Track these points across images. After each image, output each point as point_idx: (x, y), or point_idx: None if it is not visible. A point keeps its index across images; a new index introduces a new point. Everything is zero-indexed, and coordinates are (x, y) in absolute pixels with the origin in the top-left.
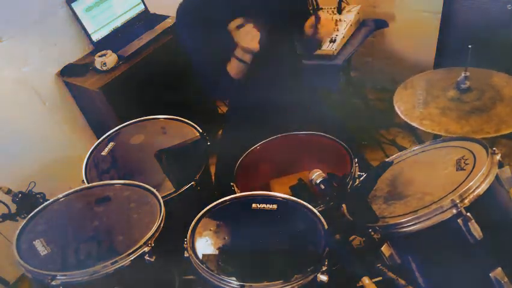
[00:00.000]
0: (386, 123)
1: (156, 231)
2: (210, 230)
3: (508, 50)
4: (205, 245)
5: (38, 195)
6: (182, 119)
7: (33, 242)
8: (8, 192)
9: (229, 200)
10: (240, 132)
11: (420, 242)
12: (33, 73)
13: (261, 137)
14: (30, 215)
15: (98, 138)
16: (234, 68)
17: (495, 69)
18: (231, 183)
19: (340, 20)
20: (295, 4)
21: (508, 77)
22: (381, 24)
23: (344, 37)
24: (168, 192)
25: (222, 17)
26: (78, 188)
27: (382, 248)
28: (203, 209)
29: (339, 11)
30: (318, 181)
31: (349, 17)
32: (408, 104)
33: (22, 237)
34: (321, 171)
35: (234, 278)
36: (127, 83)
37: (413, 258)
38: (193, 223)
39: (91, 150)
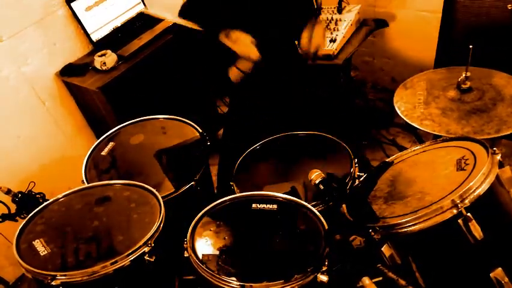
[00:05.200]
0: (386, 123)
1: (156, 231)
2: (210, 230)
3: (508, 50)
4: (205, 245)
5: (37, 195)
6: (182, 119)
7: (33, 242)
8: (8, 192)
9: (229, 200)
10: (240, 132)
11: (420, 242)
12: (33, 73)
13: (261, 137)
14: (30, 215)
15: (98, 138)
16: (234, 75)
17: (495, 69)
18: (231, 183)
19: (340, 19)
20: (298, 3)
21: (508, 77)
22: (381, 24)
23: (344, 37)
24: (168, 192)
25: (224, 22)
26: (78, 188)
27: (382, 248)
28: (203, 209)
29: (340, 10)
30: (317, 181)
31: (349, 16)
32: (408, 104)
33: (22, 237)
34: (320, 172)
35: (234, 278)
36: (127, 83)
37: (414, 259)
38: (193, 223)
39: (90, 150)
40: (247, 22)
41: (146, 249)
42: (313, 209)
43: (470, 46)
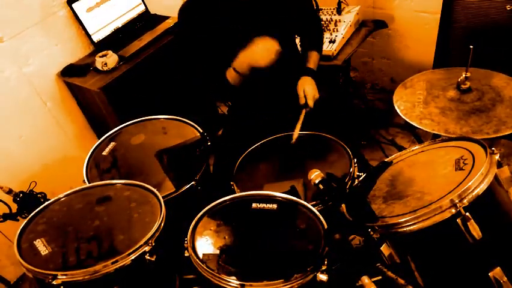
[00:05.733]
0: (386, 123)
1: (157, 230)
2: (210, 229)
3: (507, 50)
4: (205, 244)
5: (39, 195)
6: (182, 119)
7: (34, 242)
8: (9, 192)
9: (229, 199)
10: (240, 132)
11: (419, 241)
12: (35, 73)
13: (260, 137)
14: (31, 214)
15: (99, 138)
16: (232, 77)
17: (494, 69)
18: (231, 183)
19: (339, 20)
20: (298, 6)
21: (508, 78)
22: (380, 25)
23: (343, 38)
24: (168, 192)
25: (224, 20)
26: (79, 187)
27: (381, 248)
28: (203, 208)
29: (339, 11)
30: (316, 181)
31: (348, 17)
32: (408, 103)
33: (23, 236)
34: (319, 172)
35: (234, 278)
36: (128, 84)
37: (412, 258)
38: (193, 223)
39: (91, 150)
40: (247, 22)
41: (147, 248)
42: (313, 209)
43: (471, 46)
